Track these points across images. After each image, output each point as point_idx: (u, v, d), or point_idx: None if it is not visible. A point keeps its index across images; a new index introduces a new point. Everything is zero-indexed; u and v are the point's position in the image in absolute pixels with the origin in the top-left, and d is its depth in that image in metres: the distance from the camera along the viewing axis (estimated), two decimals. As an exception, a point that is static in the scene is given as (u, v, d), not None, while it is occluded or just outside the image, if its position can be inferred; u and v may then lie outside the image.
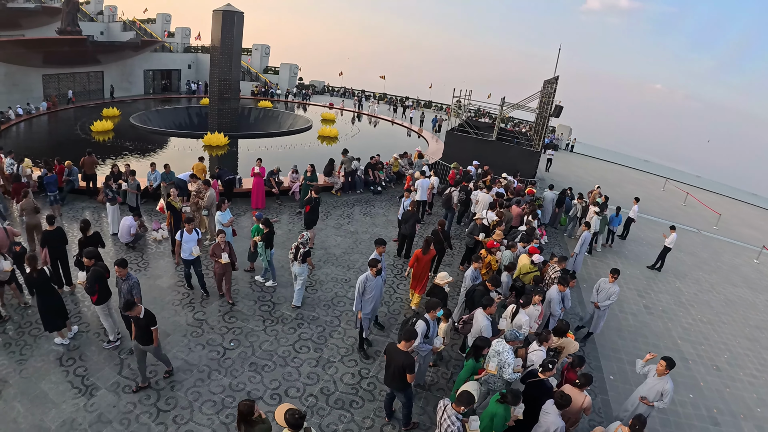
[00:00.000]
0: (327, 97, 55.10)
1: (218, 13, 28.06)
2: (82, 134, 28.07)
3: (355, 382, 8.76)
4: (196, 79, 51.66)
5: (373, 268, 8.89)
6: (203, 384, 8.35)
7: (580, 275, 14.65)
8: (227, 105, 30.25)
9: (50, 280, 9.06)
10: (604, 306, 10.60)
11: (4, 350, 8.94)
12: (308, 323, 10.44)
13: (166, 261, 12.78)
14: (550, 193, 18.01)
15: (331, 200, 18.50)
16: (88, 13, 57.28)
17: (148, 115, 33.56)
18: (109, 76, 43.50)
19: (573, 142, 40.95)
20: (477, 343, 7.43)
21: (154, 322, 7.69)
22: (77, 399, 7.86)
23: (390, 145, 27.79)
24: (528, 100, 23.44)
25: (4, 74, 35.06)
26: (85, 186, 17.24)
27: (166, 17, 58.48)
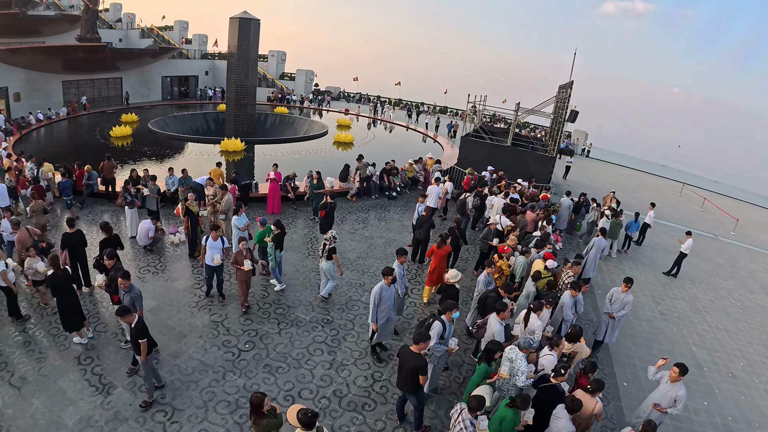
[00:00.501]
0: (343, 102, 55.33)
1: (235, 20, 28.42)
2: (102, 139, 28.58)
3: (368, 385, 8.83)
4: (213, 86, 52.22)
5: (388, 276, 8.87)
6: (218, 384, 8.50)
7: (594, 281, 14.59)
8: (244, 111, 30.56)
9: (71, 281, 9.29)
10: (619, 316, 10.36)
11: (23, 348, 9.22)
12: (322, 326, 10.55)
13: (183, 264, 13.00)
14: (567, 200, 17.86)
15: (346, 205, 18.63)
16: (107, 21, 58.34)
17: (165, 121, 34.05)
18: (127, 83, 44.19)
19: (589, 147, 40.75)
20: (489, 347, 7.45)
21: (143, 335, 7.48)
22: (94, 397, 8.07)
23: (405, 151, 27.90)
24: (543, 105, 23.42)
25: (25, 80, 35.82)
26: (104, 190, 17.61)
27: (183, 24, 59.25)
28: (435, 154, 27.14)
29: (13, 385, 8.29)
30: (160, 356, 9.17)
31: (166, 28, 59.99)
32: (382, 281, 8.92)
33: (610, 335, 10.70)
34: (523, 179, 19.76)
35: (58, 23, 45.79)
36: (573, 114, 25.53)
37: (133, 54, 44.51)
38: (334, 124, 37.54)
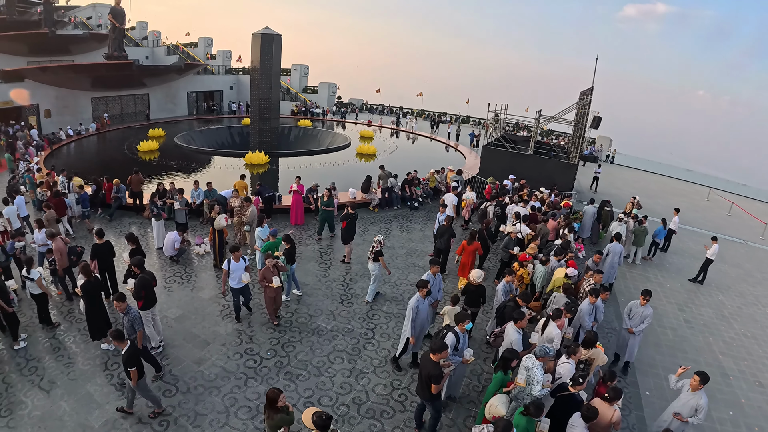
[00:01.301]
0: (366, 114, 55.71)
1: (257, 36, 28.97)
2: (130, 154, 29.38)
3: (387, 393, 8.92)
4: (238, 100, 53.15)
5: (423, 289, 8.87)
6: (239, 390, 8.70)
7: (618, 288, 14.45)
8: (268, 124, 30.95)
9: (101, 289, 9.65)
10: (638, 331, 10.01)
11: (53, 353, 9.64)
12: (343, 335, 10.69)
13: (208, 274, 13.32)
14: (591, 208, 17.66)
15: (368, 216, 18.80)
16: (134, 39, 60.01)
17: (191, 135, 34.74)
18: (154, 98, 45.38)
19: (613, 154, 40.21)
20: (505, 355, 7.45)
21: (131, 364, 7.40)
22: (120, 401, 8.35)
23: (428, 161, 27.91)
24: (564, 112, 23.29)
25: (55, 97, 37.12)
26: (132, 203, 18.14)
27: (207, 41, 60.59)
28: (457, 163, 27.19)
29: (43, 388, 8.66)
30: (184, 363, 9.44)
31: (191, 45, 61.48)
32: (417, 294, 8.93)
33: (630, 353, 10.35)
34: (545, 187, 19.67)
35: (87, 42, 47.43)
36: (596, 120, 25.30)
37: (159, 70, 45.66)
38: (356, 136, 37.80)
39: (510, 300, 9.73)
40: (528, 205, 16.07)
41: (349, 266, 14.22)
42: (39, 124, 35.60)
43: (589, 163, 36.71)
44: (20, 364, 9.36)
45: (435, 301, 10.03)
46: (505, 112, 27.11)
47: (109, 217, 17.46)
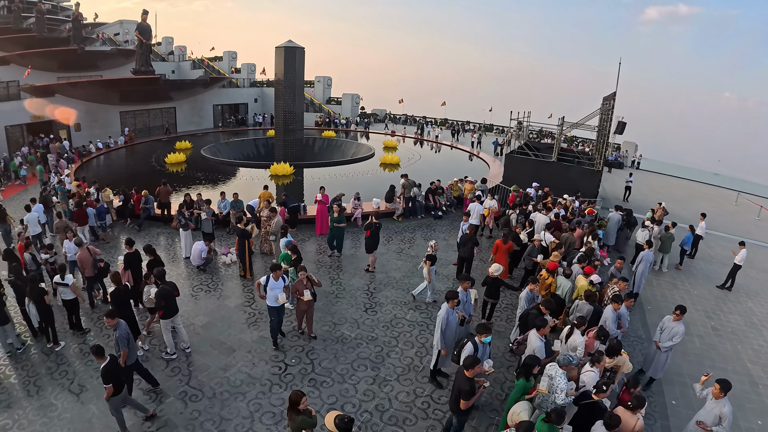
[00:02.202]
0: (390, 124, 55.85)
1: (280, 49, 29.50)
2: (158, 166, 30.11)
3: (410, 401, 8.96)
4: (263, 112, 53.99)
5: (453, 300, 8.85)
6: (264, 396, 8.88)
7: (644, 296, 14.24)
8: (292, 136, 31.41)
9: (130, 297, 10.00)
10: (665, 347, 9.62)
11: (83, 358, 10.01)
12: (367, 343, 10.78)
13: (235, 283, 13.60)
14: (616, 215, 17.39)
15: (392, 226, 18.90)
16: (160, 54, 61.51)
17: (218, 147, 35.42)
18: (180, 112, 46.40)
19: (639, 159, 39.54)
20: (527, 362, 7.45)
21: (107, 380, 7.45)
22: (147, 405, 8.60)
23: (451, 170, 27.94)
24: (587, 118, 23.09)
25: (85, 111, 38.28)
26: (160, 213, 18.59)
27: (232, 54, 61.76)
28: (481, 172, 27.14)
29: (72, 391, 9.01)
30: (210, 369, 9.67)
31: (216, 59, 62.65)
32: (445, 305, 8.89)
33: (655, 368, 9.98)
34: (569, 194, 19.52)
35: (115, 57, 48.94)
36: (621, 125, 25.06)
37: (186, 84, 46.86)
38: (380, 146, 38.07)
39: (533, 308, 9.71)
40: (551, 213, 15.97)
41: (373, 275, 14.32)
42: (69, 137, 36.78)
43: (615, 169, 36.23)
44: (51, 368, 9.74)
45: (469, 316, 9.97)
46: (527, 120, 27.02)
47: (137, 228, 17.95)
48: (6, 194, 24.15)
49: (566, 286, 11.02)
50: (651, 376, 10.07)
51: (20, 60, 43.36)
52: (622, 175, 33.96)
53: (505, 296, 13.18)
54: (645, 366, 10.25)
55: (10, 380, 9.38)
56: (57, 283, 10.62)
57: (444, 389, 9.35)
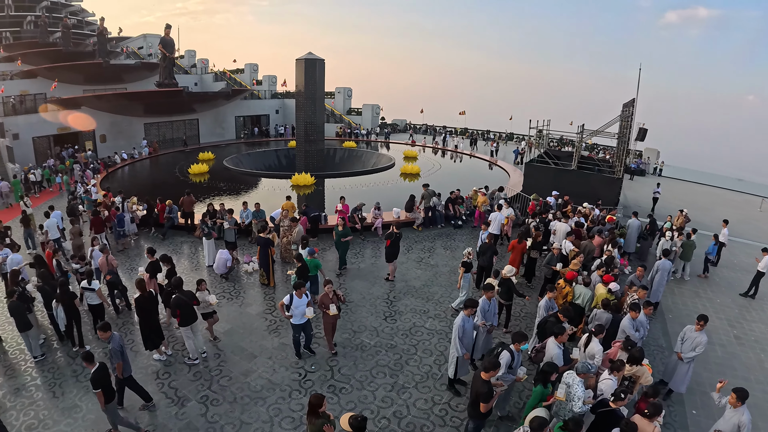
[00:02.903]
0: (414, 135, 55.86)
1: (301, 61, 29.93)
2: (181, 176, 30.72)
3: (428, 408, 9.02)
4: (284, 123, 54.61)
5: (470, 309, 8.91)
6: (284, 402, 9.05)
7: (665, 305, 14.09)
8: (313, 146, 31.70)
9: (155, 304, 10.33)
10: (687, 358, 9.41)
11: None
12: (386, 351, 10.88)
13: (256, 291, 13.87)
14: (635, 221, 17.24)
15: (412, 235, 19.01)
16: (183, 67, 62.73)
17: (240, 158, 35.99)
18: (203, 123, 47.26)
19: (661, 166, 38.98)
20: (545, 369, 7.44)
21: (96, 386, 7.58)
22: (170, 408, 8.92)
23: (471, 179, 27.91)
24: (607, 125, 22.95)
25: (110, 123, 39.42)
26: (183, 223, 19.00)
27: (253, 67, 62.66)
28: (501, 181, 27.06)
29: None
30: (232, 374, 9.89)
31: (238, 71, 63.64)
32: (462, 313, 8.94)
33: (677, 382, 9.77)
34: (589, 203, 19.40)
35: (139, 71, 50.18)
36: (642, 132, 24.82)
37: (208, 96, 47.65)
38: (401, 156, 38.23)
39: (551, 315, 9.72)
40: (569, 221, 15.92)
41: (393, 284, 14.43)
42: (95, 148, 37.78)
43: (637, 177, 35.81)
44: (76, 371, 10.08)
45: (491, 326, 10.00)
46: (547, 128, 26.94)
47: (162, 236, 18.37)
48: (36, 202, 24.87)
49: (586, 295, 10.99)
50: (673, 388, 9.88)
51: (47, 73, 44.76)
52: (644, 182, 33.62)
53: (524, 305, 13.21)
54: (666, 376, 10.04)
55: (36, 382, 9.76)
56: (84, 288, 11.05)
57: (462, 397, 9.37)
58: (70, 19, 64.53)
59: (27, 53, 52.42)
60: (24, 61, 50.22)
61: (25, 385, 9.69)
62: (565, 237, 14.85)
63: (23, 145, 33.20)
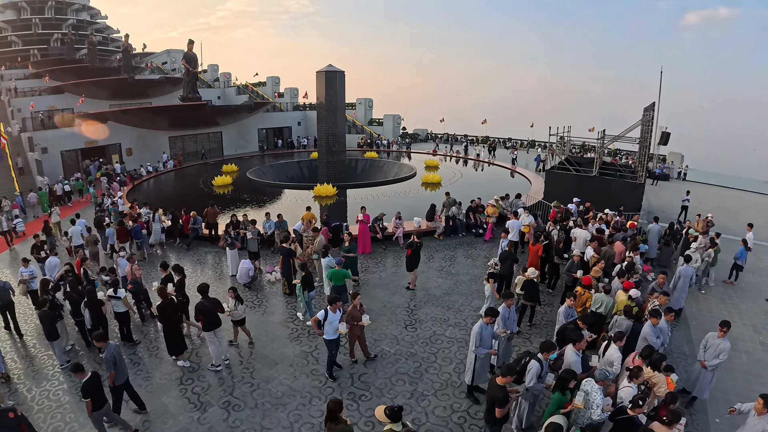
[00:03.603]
0: (431, 144, 55.82)
1: (321, 73, 30.28)
2: (205, 188, 31.30)
3: (446, 415, 9.08)
4: (306, 135, 55.16)
5: (488, 317, 8.95)
6: (304, 408, 9.23)
7: (689, 311, 13.87)
8: (335, 157, 31.90)
9: (177, 311, 10.79)
10: (711, 365, 9.20)
11: (133, 368, 10.75)
12: (405, 359, 10.97)
13: (278, 300, 14.14)
14: (656, 226, 17.01)
15: (433, 244, 19.07)
16: (206, 81, 64.13)
17: (263, 170, 36.48)
18: (227, 136, 48.04)
19: (685, 170, 38.21)
20: (563, 376, 7.45)
21: (85, 395, 7.86)
22: (192, 413, 9.20)
23: (493, 187, 27.78)
24: (628, 130, 22.70)
25: (136, 137, 40.51)
26: (207, 233, 19.41)
27: (275, 80, 63.54)
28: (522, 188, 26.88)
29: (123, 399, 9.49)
30: (255, 381, 10.14)
31: (260, 84, 64.67)
32: (481, 320, 8.99)
33: (701, 389, 9.62)
34: (611, 209, 19.18)
35: (163, 85, 51.54)
36: (665, 136, 24.35)
37: (231, 110, 48.40)
38: (422, 166, 38.29)
39: (571, 322, 9.70)
40: (588, 227, 15.81)
41: (414, 293, 14.53)
42: (121, 161, 38.84)
43: (661, 181, 35.24)
44: (103, 377, 10.26)
45: (511, 333, 10.03)
46: (568, 134, 26.76)
47: (186, 247, 18.83)
48: (67, 212, 25.66)
49: (607, 303, 10.91)
50: (696, 395, 9.72)
51: (74, 89, 46.33)
52: (668, 187, 33.10)
53: (544, 313, 13.17)
54: (688, 385, 9.87)
55: (63, 387, 10.17)
56: (110, 296, 11.53)
57: (481, 405, 9.39)
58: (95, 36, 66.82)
59: (54, 70, 54.51)
60: (52, 77, 52.17)
61: (52, 389, 10.13)
62: (585, 244, 14.76)
63: (52, 158, 34.51)
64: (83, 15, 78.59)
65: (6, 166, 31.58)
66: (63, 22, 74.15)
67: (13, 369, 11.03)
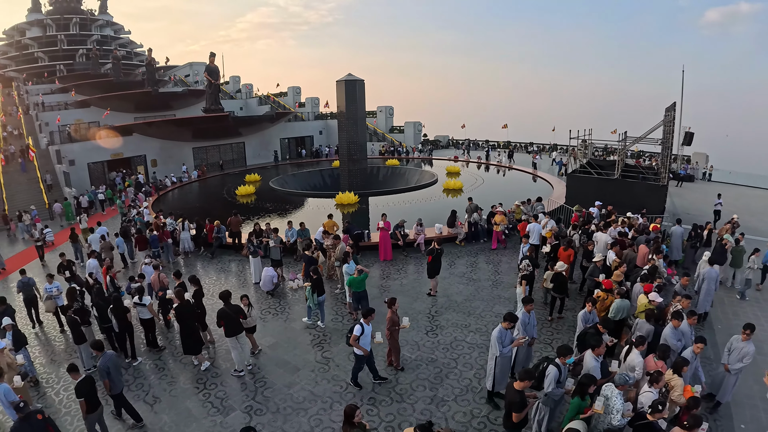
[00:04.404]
0: (452, 150, 55.77)
1: (341, 83, 30.62)
2: (229, 198, 31.88)
3: (466, 421, 9.11)
4: (328, 144, 55.65)
5: (507, 322, 8.96)
6: (325, 413, 9.37)
7: (714, 315, 13.63)
8: (356, 165, 32.12)
9: (193, 312, 11.16)
10: (735, 369, 9.04)
11: (158, 373, 11.18)
12: (426, 364, 11.04)
13: (301, 307, 14.33)
14: (678, 228, 16.74)
15: (455, 250, 19.11)
16: (228, 92, 65.39)
17: (285, 179, 36.93)
18: (249, 146, 48.74)
19: (710, 170, 37.40)
20: (582, 381, 7.40)
21: (79, 395, 8.16)
22: (215, 417, 9.47)
23: (514, 192, 27.72)
24: (650, 131, 22.43)
25: (161, 148, 41.47)
26: (231, 242, 19.78)
27: (296, 90, 64.36)
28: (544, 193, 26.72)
29: (147, 402, 10.07)
30: (275, 386, 10.36)
31: (281, 95, 65.57)
32: (500, 325, 9.01)
33: (723, 392, 9.46)
34: (633, 212, 18.95)
35: (186, 98, 52.74)
36: (688, 136, 23.99)
37: (253, 120, 49.22)
38: (443, 172, 38.33)
39: (591, 327, 9.67)
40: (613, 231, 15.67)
41: (435, 299, 14.58)
42: (147, 172, 39.82)
43: (686, 183, 34.59)
44: (128, 381, 10.83)
45: (531, 339, 10.07)
46: (590, 137, 26.53)
47: (210, 255, 19.24)
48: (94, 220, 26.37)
49: (625, 308, 10.82)
50: (718, 399, 9.58)
51: (100, 103, 47.74)
52: (693, 188, 32.51)
53: (567, 319, 13.12)
54: (713, 389, 9.74)
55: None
56: (135, 303, 11.91)
57: (501, 410, 9.34)
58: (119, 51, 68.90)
59: (80, 84, 56.23)
60: (77, 91, 53.79)
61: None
62: (606, 247, 14.65)
63: (79, 170, 35.58)
64: (107, 30, 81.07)
65: (34, 178, 32.76)
66: (87, 38, 76.53)
67: (42, 373, 11.50)
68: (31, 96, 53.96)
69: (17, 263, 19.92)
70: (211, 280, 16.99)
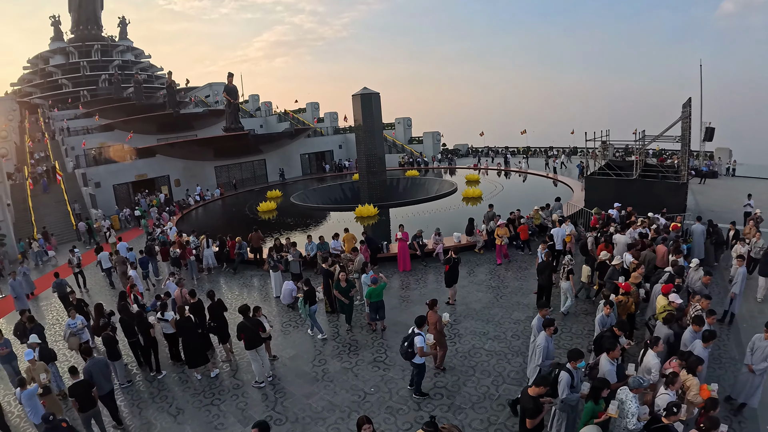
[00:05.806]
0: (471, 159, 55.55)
1: (357, 96, 30.99)
2: (250, 214, 32.43)
3: (483, 428, 9.11)
4: (348, 157, 55.99)
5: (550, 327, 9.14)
6: (343, 422, 9.49)
7: (739, 314, 13.28)
8: (376, 177, 32.38)
9: (196, 327, 11.60)
10: (759, 369, 8.69)
11: (181, 385, 11.59)
12: (444, 372, 11.08)
13: (321, 319, 14.41)
14: (699, 226, 16.36)
15: (474, 258, 19.12)
16: (248, 111, 66.61)
17: (306, 194, 37.24)
18: (270, 163, 49.41)
19: (734, 166, 36.53)
20: (595, 384, 7.36)
21: (71, 395, 9.12)
22: (234, 426, 9.74)
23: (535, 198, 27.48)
24: (667, 129, 22.13)
25: (183, 168, 42.50)
26: (253, 258, 20.17)
27: (314, 105, 65.16)
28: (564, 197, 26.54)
29: (170, 413, 10.43)
30: (295, 396, 10.53)
31: (300, 111, 66.45)
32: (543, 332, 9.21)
33: (749, 395, 9.11)
34: (653, 212, 18.69)
35: (206, 118, 53.93)
36: (709, 131, 23.54)
37: (273, 137, 49.91)
38: (463, 181, 38.41)
39: (607, 330, 9.61)
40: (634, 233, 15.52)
41: (454, 307, 14.60)
42: (170, 192, 40.78)
43: (709, 179, 33.88)
44: (153, 393, 11.30)
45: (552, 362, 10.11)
46: (608, 138, 26.33)
47: (233, 271, 19.65)
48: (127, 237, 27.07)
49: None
50: (745, 402, 9.22)
51: (123, 126, 49.24)
52: (717, 185, 31.87)
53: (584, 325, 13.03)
54: (734, 392, 9.42)
55: (118, 402, 10.75)
56: (159, 319, 12.31)
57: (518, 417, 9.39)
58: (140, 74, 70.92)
59: (103, 108, 58.15)
60: (101, 116, 55.61)
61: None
62: (625, 250, 14.52)
63: (105, 192, 36.85)
64: (128, 55, 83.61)
65: (61, 201, 33.69)
66: (109, 64, 78.99)
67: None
68: (56, 122, 55.85)
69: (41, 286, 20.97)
70: (233, 295, 17.36)
